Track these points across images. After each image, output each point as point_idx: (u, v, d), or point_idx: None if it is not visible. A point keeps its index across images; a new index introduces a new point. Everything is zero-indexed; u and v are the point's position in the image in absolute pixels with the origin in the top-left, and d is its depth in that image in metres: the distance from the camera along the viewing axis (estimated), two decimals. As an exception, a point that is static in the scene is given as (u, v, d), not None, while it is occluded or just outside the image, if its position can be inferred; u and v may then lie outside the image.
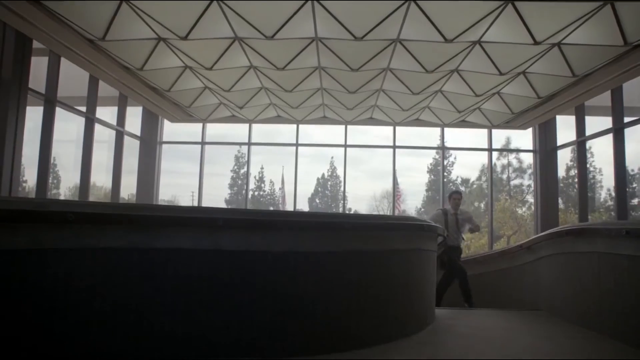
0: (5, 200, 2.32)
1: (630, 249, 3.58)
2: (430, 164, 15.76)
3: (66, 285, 2.46)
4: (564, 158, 11.69)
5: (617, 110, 8.57)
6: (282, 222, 3.14)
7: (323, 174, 23.72)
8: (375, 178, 19.80)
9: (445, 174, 16.16)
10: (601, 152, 9.54)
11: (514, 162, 18.27)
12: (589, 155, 10.69)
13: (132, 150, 11.08)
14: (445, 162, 14.43)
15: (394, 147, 12.56)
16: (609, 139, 8.81)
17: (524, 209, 15.21)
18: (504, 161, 19.03)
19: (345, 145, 12.58)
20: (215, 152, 13.12)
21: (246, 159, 14.50)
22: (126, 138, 10.41)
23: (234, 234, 3.00)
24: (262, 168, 16.86)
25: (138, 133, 11.30)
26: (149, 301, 2.77)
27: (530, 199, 13.57)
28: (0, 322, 2.24)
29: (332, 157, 16.85)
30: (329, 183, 24.47)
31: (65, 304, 2.46)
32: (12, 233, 2.26)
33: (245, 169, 18.07)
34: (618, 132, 8.69)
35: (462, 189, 21.43)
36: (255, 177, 17.02)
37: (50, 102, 7.52)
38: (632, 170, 11.93)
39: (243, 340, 3.01)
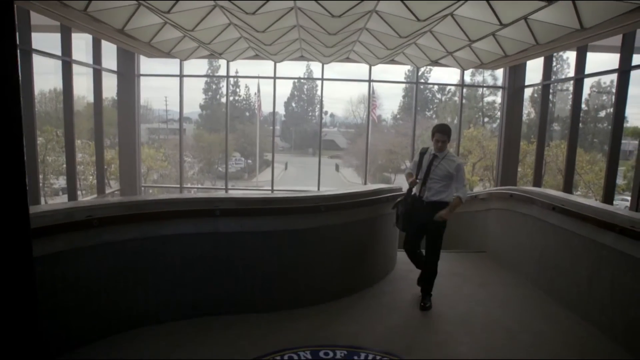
0: (41, 215, 2.80)
1: (555, 220, 4.38)
2: (408, 70, 15.44)
3: (95, 271, 3.09)
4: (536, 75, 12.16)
5: (580, 62, 9.06)
6: (268, 209, 3.74)
7: (299, 77, 22.93)
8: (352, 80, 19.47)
9: (422, 81, 16.26)
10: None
11: (489, 80, 18.23)
12: (565, 66, 11.45)
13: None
14: (422, 70, 14.45)
15: (370, 80, 12.66)
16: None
17: (494, 125, 16.00)
18: (479, 78, 18.92)
19: (322, 79, 12.64)
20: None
21: (219, 62, 14.21)
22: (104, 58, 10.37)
23: (230, 219, 3.63)
24: (237, 72, 16.68)
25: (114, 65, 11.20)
26: (163, 277, 3.45)
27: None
28: (52, 307, 2.87)
29: (308, 62, 16.35)
30: (305, 87, 24.07)
31: (97, 287, 3.10)
32: (52, 240, 2.81)
33: (219, 72, 17.73)
34: (578, 82, 9.26)
35: (439, 96, 20.79)
36: (230, 81, 16.62)
37: (26, 51, 7.41)
38: (605, 83, 12.63)
39: (240, 300, 3.80)
